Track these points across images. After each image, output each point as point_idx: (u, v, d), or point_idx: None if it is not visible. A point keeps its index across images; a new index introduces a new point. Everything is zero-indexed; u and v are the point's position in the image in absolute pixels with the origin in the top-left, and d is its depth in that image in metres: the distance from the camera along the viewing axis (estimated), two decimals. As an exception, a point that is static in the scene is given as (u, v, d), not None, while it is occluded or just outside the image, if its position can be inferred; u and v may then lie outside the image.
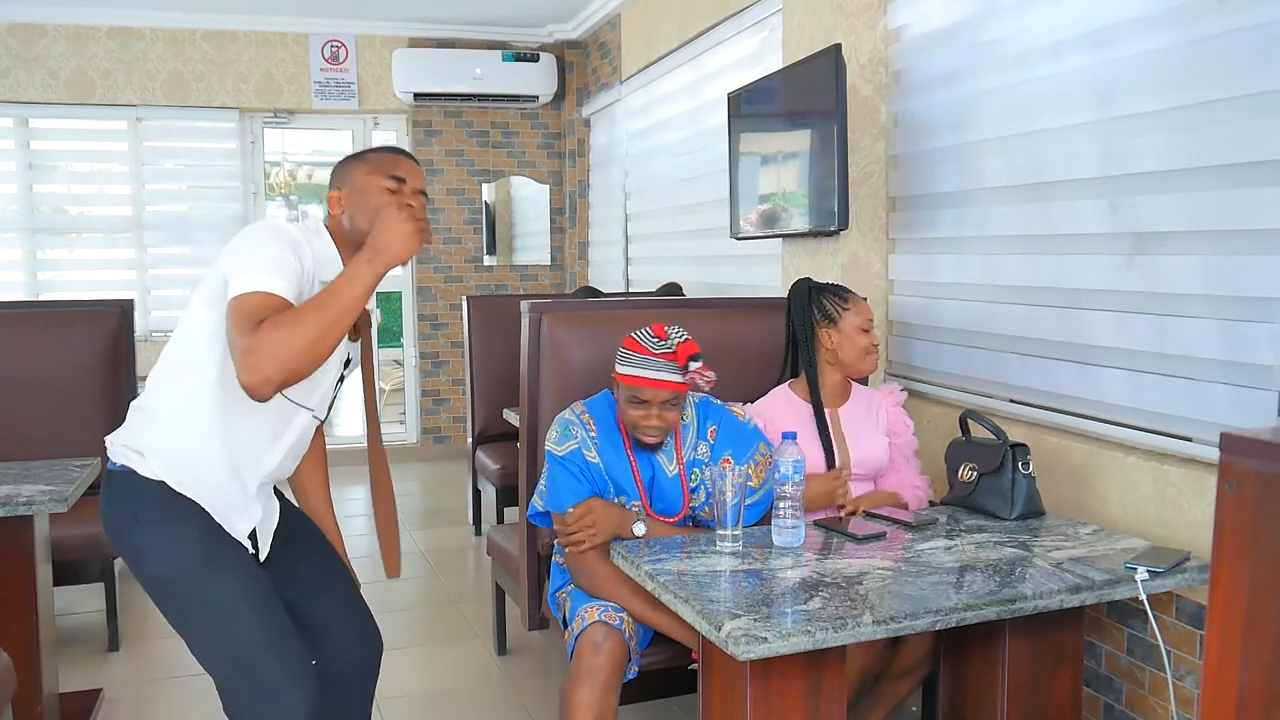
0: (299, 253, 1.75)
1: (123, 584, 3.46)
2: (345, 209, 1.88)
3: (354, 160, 1.92)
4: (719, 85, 4.40)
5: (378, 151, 1.93)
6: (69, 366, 3.64)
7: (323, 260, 1.83)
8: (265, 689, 1.76)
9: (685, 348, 2.13)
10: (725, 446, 2.26)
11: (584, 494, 2.18)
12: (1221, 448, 0.87)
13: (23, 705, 2.45)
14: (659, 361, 2.12)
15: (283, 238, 1.75)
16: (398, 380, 7.73)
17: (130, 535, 1.81)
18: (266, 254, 1.70)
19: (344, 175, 1.90)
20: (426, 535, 4.85)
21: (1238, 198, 2.04)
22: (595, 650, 2.04)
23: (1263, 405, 1.98)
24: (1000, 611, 1.75)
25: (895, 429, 2.53)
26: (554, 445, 2.22)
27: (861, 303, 2.51)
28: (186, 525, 1.78)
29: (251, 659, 1.76)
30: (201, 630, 1.79)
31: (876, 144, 3.21)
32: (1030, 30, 2.59)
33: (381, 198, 1.85)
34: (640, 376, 2.12)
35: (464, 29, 6.34)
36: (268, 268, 1.68)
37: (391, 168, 1.88)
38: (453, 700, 3.03)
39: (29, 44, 5.79)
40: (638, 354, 2.14)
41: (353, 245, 1.87)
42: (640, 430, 2.16)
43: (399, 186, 1.86)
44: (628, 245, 5.91)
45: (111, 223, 6.16)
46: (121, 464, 1.83)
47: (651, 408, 2.13)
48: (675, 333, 2.16)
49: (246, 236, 1.78)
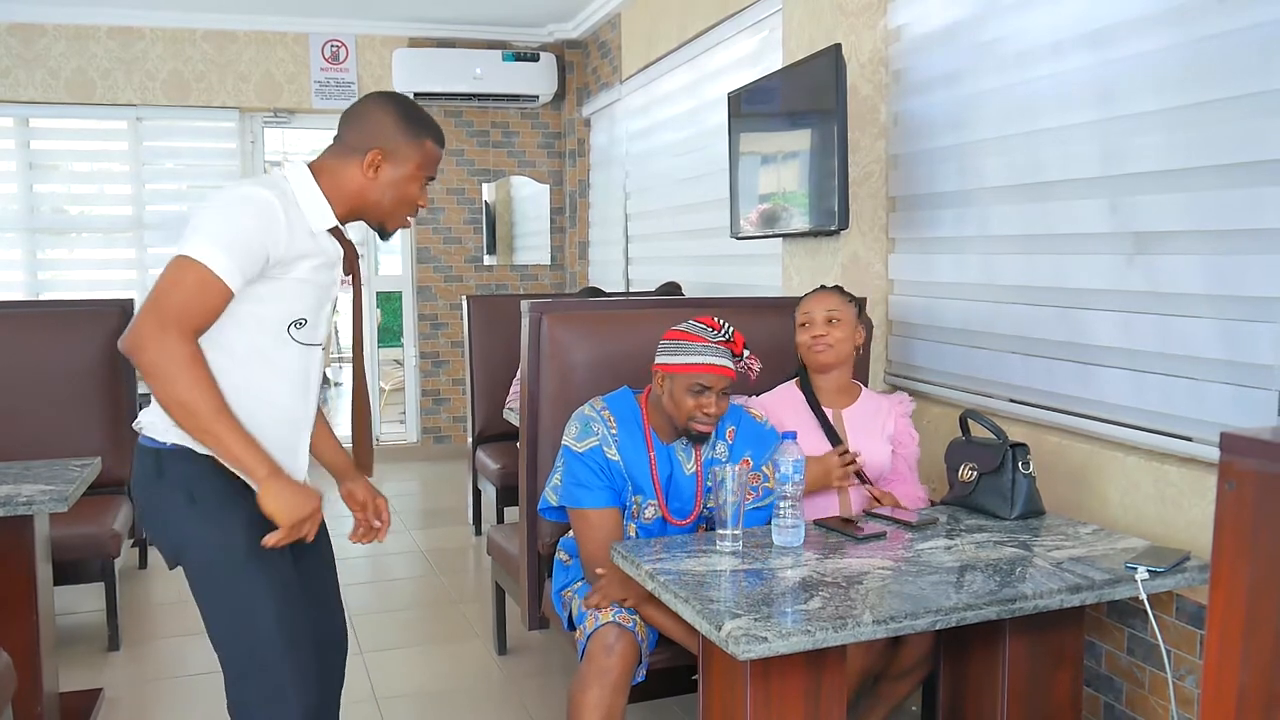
0: (272, 227, 1.69)
1: (123, 584, 3.46)
2: (378, 176, 1.81)
3: (409, 129, 1.82)
4: (719, 85, 4.40)
5: (433, 134, 1.85)
6: (69, 366, 3.64)
7: (311, 215, 1.78)
8: (273, 687, 1.76)
9: (740, 337, 2.20)
10: (744, 447, 2.27)
11: (603, 492, 2.18)
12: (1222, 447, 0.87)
13: (23, 705, 2.45)
14: (718, 349, 2.16)
15: (257, 213, 1.69)
16: (398, 380, 7.73)
17: (181, 517, 1.77)
18: (231, 227, 1.66)
19: (395, 142, 1.81)
20: (427, 535, 4.85)
21: (1238, 197, 2.04)
22: (608, 651, 2.04)
23: (1263, 405, 1.98)
24: (1000, 611, 1.75)
25: (901, 439, 2.52)
26: (573, 441, 2.22)
27: (813, 297, 2.52)
28: (239, 511, 1.76)
29: (266, 655, 1.76)
30: (227, 614, 1.78)
31: (876, 144, 3.21)
32: (1030, 30, 2.59)
33: (414, 190, 1.85)
34: (704, 364, 2.14)
35: (464, 29, 6.34)
36: (223, 241, 1.64)
37: (436, 164, 1.87)
38: (453, 700, 3.03)
39: (29, 44, 5.79)
40: (695, 343, 2.16)
41: (349, 205, 1.82)
42: (698, 420, 2.16)
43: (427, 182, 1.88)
44: (628, 245, 5.91)
45: (112, 222, 6.16)
46: (173, 442, 1.76)
47: (713, 394, 2.15)
48: (723, 323, 2.20)
49: (223, 200, 1.71)
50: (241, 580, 1.76)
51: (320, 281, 1.82)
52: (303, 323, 1.81)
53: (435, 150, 1.86)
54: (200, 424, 1.65)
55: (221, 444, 1.67)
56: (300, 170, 1.81)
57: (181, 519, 1.77)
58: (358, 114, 1.85)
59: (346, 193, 1.82)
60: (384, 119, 1.82)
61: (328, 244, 1.82)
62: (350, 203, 1.83)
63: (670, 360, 2.17)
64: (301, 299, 1.79)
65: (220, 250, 1.65)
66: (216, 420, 1.65)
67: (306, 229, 1.77)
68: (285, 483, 1.71)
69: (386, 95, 1.88)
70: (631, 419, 2.24)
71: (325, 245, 1.82)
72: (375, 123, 1.82)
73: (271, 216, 1.70)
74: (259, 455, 1.69)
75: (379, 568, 4.43)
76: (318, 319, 1.86)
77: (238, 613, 1.76)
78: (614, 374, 2.45)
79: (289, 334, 1.80)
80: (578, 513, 2.20)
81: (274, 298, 1.76)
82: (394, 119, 1.82)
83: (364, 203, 1.84)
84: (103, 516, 3.38)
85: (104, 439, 3.60)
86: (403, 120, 1.83)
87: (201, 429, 1.66)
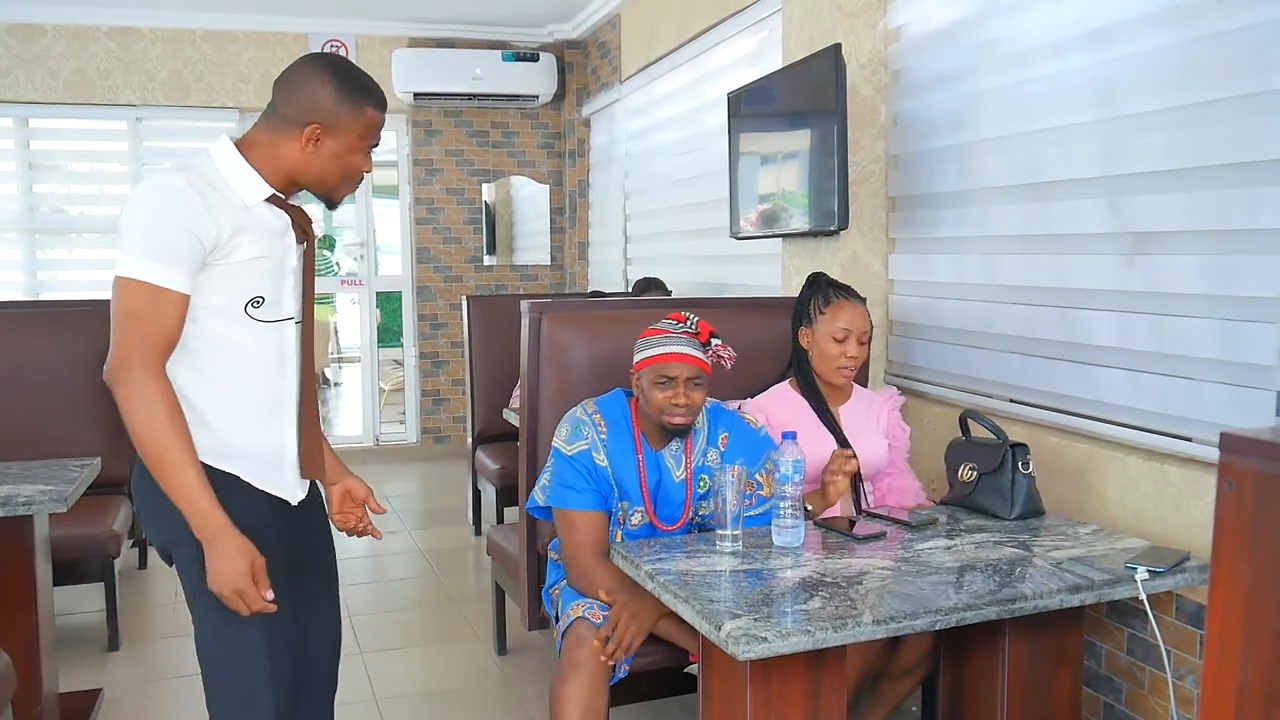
0: (195, 214, 1.61)
1: (123, 584, 3.46)
2: (318, 150, 1.72)
3: (348, 100, 1.72)
4: (719, 85, 4.40)
5: (374, 101, 1.75)
6: (69, 366, 3.64)
7: (240, 189, 1.69)
8: (247, 689, 1.74)
9: (705, 325, 2.19)
10: (737, 454, 2.25)
11: (590, 495, 2.18)
12: (1221, 447, 0.87)
13: (22, 705, 2.45)
14: (682, 338, 2.16)
15: (175, 205, 1.60)
16: (398, 380, 7.73)
17: (173, 515, 1.72)
18: (156, 231, 1.59)
19: (334, 114, 1.71)
20: (426, 535, 4.85)
21: (1237, 197, 2.04)
22: (579, 645, 2.06)
23: (1262, 405, 1.98)
24: (1000, 611, 1.75)
25: (894, 433, 2.53)
26: (562, 443, 2.21)
27: (846, 307, 2.40)
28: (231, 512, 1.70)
29: (243, 654, 1.74)
30: (211, 617, 1.75)
31: (876, 144, 3.21)
32: (1030, 30, 2.59)
33: (358, 160, 1.76)
34: (664, 353, 2.14)
35: (464, 29, 6.34)
36: (155, 250, 1.58)
37: (378, 130, 1.78)
38: (452, 700, 3.03)
39: (29, 44, 5.78)
40: (659, 335, 2.17)
41: (287, 178, 1.73)
42: (668, 412, 2.15)
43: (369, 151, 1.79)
44: (627, 245, 5.91)
45: (111, 223, 6.13)
46: None
47: (678, 385, 2.13)
48: (690, 316, 2.21)
49: (138, 201, 1.62)
50: None
51: (268, 255, 1.73)
52: (260, 301, 1.73)
53: (377, 117, 1.76)
54: (160, 470, 1.62)
55: (177, 493, 1.63)
56: (224, 145, 1.72)
57: (173, 514, 1.75)
58: (291, 83, 1.73)
59: (284, 166, 1.73)
60: (320, 90, 1.70)
61: (267, 215, 1.73)
62: (289, 176, 1.75)
63: (639, 357, 2.19)
64: (252, 277, 1.71)
65: (152, 260, 1.58)
66: (173, 468, 1.62)
67: (231, 205, 1.68)
68: (229, 546, 1.64)
69: (322, 60, 1.75)
70: (622, 423, 2.24)
71: (264, 217, 1.72)
72: (310, 94, 1.70)
73: (184, 201, 1.61)
74: (210, 512, 1.64)
75: (379, 568, 4.43)
76: (278, 293, 1.76)
77: (221, 613, 1.75)
78: (614, 374, 2.45)
79: (248, 314, 1.72)
80: (563, 514, 2.20)
81: (221, 284, 1.68)
82: (331, 89, 1.70)
83: (305, 176, 1.76)
84: (102, 516, 3.37)
85: (103, 439, 3.60)
86: (341, 89, 1.71)
87: (161, 476, 1.63)
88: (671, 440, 2.24)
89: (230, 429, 1.75)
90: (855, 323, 2.41)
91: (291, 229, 1.78)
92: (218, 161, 1.71)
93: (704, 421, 2.28)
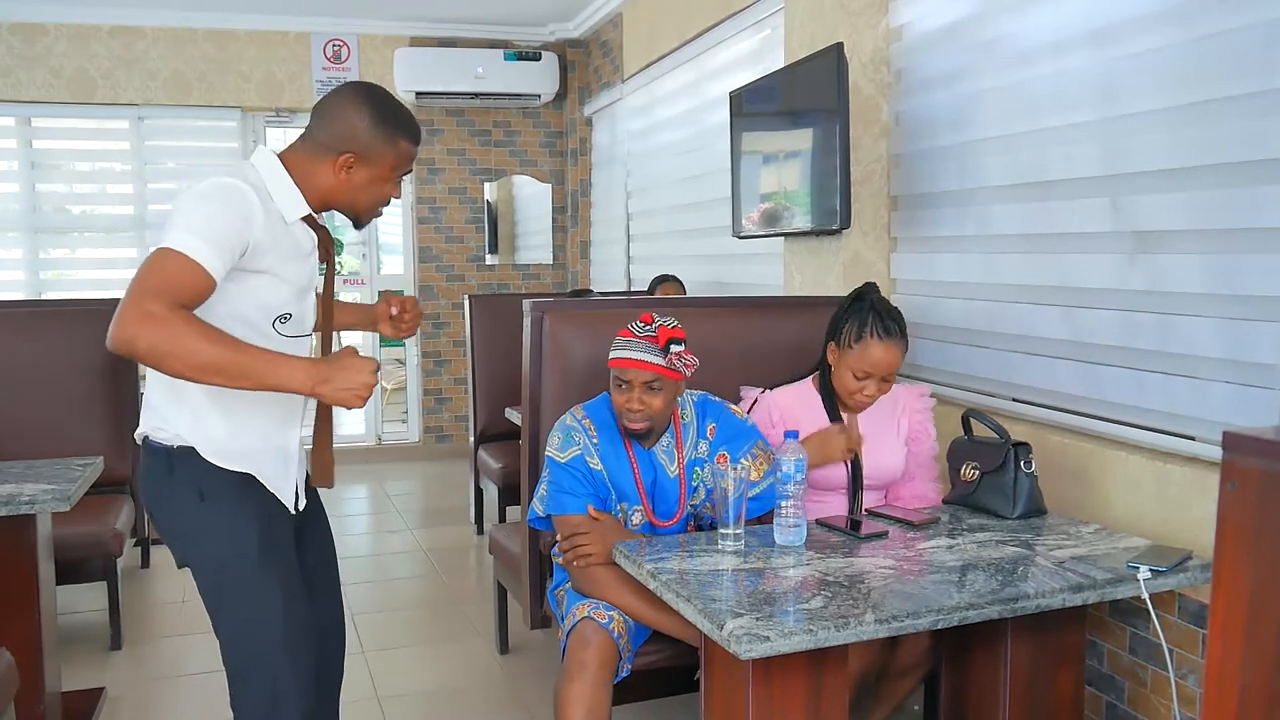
0: (249, 216, 1.66)
1: (125, 583, 3.46)
2: (351, 178, 1.78)
3: (383, 132, 1.77)
4: (720, 84, 4.40)
5: (408, 134, 1.81)
6: (71, 366, 3.65)
7: (285, 206, 1.75)
8: (272, 687, 1.77)
9: (667, 331, 2.13)
10: (722, 443, 2.27)
11: (587, 498, 2.19)
12: (1224, 447, 0.87)
13: (25, 704, 2.45)
14: (640, 343, 2.14)
15: (233, 202, 1.65)
16: (400, 379, 7.73)
17: (191, 513, 1.76)
18: (208, 218, 1.62)
19: (369, 145, 1.77)
20: (428, 534, 4.86)
21: (1240, 196, 2.04)
22: (584, 645, 2.06)
23: (1265, 404, 1.98)
24: (1002, 610, 1.74)
25: (917, 436, 2.43)
26: (556, 451, 2.22)
27: (877, 349, 2.25)
28: (249, 507, 1.78)
29: (269, 654, 1.77)
30: (234, 610, 1.79)
31: (878, 143, 3.21)
32: (1032, 29, 2.58)
33: (388, 189, 1.83)
34: (620, 357, 2.15)
35: (465, 28, 6.34)
36: (203, 232, 1.60)
37: (410, 162, 1.84)
38: (454, 699, 3.04)
39: (31, 43, 5.79)
40: (623, 337, 2.17)
41: (321, 199, 1.80)
42: (623, 415, 2.16)
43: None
44: (629, 244, 5.91)
45: (113, 222, 6.17)
46: (180, 443, 1.76)
47: (633, 389, 2.14)
48: (662, 319, 2.17)
49: (197, 193, 1.67)
50: (251, 577, 1.77)
51: (297, 272, 1.80)
52: (287, 317, 1.79)
53: (411, 149, 1.82)
54: (231, 375, 1.57)
55: (262, 382, 1.60)
56: (269, 159, 1.77)
57: (192, 515, 1.77)
58: (330, 111, 1.79)
59: (318, 188, 1.79)
60: (356, 120, 1.76)
61: (300, 233, 1.79)
62: (322, 198, 1.80)
63: (609, 356, 2.19)
64: (279, 293, 1.77)
65: (199, 239, 1.60)
66: (241, 364, 1.57)
67: (279, 217, 1.74)
68: (344, 358, 1.64)
69: (362, 91, 1.80)
70: (612, 425, 2.25)
71: (298, 235, 1.79)
72: (347, 123, 1.76)
73: (248, 204, 1.66)
74: (304, 364, 1.62)
75: (380, 567, 4.44)
76: (301, 310, 1.84)
77: (245, 608, 1.78)
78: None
79: (275, 330, 1.78)
80: (563, 520, 2.20)
81: (253, 296, 1.73)
82: (368, 120, 1.76)
83: (337, 200, 1.82)
84: (105, 515, 3.38)
85: (106, 438, 3.60)
86: (378, 121, 1.77)
87: (234, 378, 1.58)
88: (661, 437, 2.25)
89: (248, 435, 1.80)
90: (881, 366, 2.27)
91: (316, 249, 1.85)
92: (263, 173, 1.76)
93: (693, 415, 2.29)
